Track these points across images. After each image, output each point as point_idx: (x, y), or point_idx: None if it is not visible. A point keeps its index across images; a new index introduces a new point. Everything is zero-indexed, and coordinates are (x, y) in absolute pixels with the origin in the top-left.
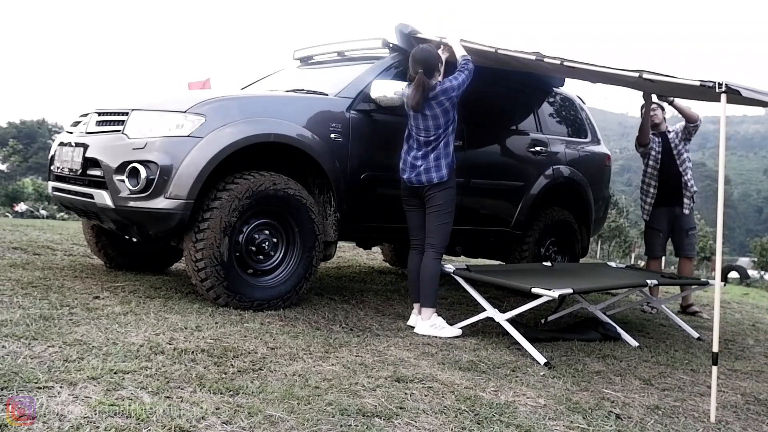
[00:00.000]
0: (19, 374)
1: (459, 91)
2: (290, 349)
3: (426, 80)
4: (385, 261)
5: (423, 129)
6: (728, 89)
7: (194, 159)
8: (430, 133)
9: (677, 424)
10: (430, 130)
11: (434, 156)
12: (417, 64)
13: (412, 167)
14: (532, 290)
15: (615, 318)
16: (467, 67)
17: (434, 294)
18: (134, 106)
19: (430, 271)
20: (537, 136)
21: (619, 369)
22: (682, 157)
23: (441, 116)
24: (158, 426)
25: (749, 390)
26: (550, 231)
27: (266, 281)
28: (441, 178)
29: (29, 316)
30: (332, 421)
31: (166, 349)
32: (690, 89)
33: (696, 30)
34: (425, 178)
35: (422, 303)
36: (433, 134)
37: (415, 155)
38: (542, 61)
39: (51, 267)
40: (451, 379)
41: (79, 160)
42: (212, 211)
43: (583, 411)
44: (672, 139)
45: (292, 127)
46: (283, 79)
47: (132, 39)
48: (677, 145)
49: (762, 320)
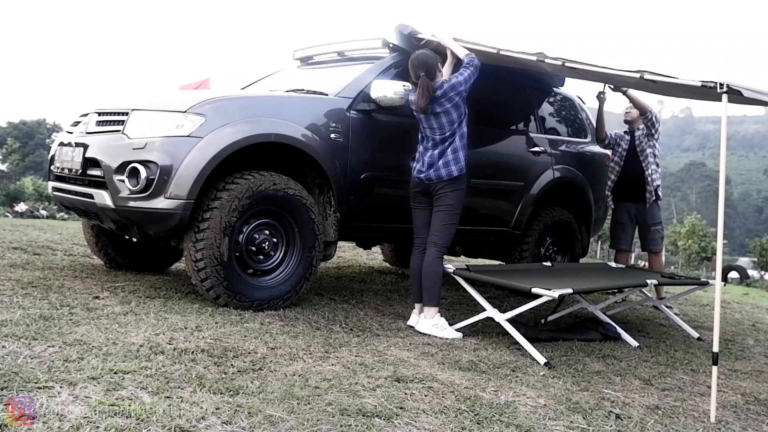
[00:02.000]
0: (19, 374)
1: (466, 85)
2: (290, 349)
3: (429, 82)
4: (385, 261)
5: (437, 128)
6: (729, 89)
7: (194, 159)
8: (445, 130)
9: (677, 424)
10: (444, 127)
11: (452, 149)
12: (417, 68)
13: (429, 165)
14: (532, 290)
15: (615, 318)
16: (473, 63)
17: (437, 293)
18: (134, 106)
19: (434, 269)
20: (537, 136)
21: (619, 369)
22: (645, 153)
23: (453, 111)
24: (158, 426)
25: (749, 390)
26: (550, 231)
27: (266, 281)
28: (461, 170)
29: (29, 316)
30: (332, 421)
31: (166, 349)
32: (691, 89)
33: (693, 29)
34: (445, 173)
35: (425, 302)
36: (448, 130)
37: (432, 154)
38: (543, 62)
39: (51, 267)
40: (451, 379)
41: (79, 160)
42: (212, 211)
43: (583, 411)
44: (638, 137)
45: (292, 127)
46: (283, 79)
47: (132, 39)
48: (641, 143)
49: (762, 320)
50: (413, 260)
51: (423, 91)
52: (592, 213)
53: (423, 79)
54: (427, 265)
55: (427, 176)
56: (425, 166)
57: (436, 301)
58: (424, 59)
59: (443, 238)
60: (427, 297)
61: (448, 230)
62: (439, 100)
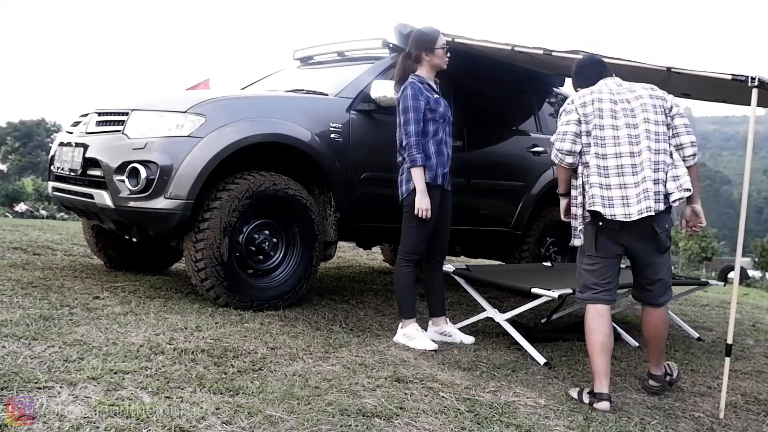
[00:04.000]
0: (19, 374)
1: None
2: (290, 349)
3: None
4: (385, 261)
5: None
6: (761, 84)
7: (194, 159)
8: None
9: (677, 424)
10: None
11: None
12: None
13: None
14: (532, 290)
15: (615, 318)
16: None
17: (407, 303)
18: (134, 106)
19: (397, 279)
20: (537, 136)
21: (619, 369)
22: None
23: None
24: (158, 426)
25: (749, 390)
26: (550, 231)
27: (266, 281)
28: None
29: (29, 316)
30: (332, 421)
31: (166, 349)
32: (719, 86)
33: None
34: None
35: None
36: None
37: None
38: (569, 58)
39: (51, 267)
40: (451, 379)
41: (79, 161)
42: (212, 211)
43: (583, 411)
44: None
45: (292, 127)
46: (283, 79)
47: (132, 39)
48: None
49: (762, 320)
50: (424, 274)
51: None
52: None
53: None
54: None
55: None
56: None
57: (406, 313)
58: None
59: (406, 243)
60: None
61: (409, 234)
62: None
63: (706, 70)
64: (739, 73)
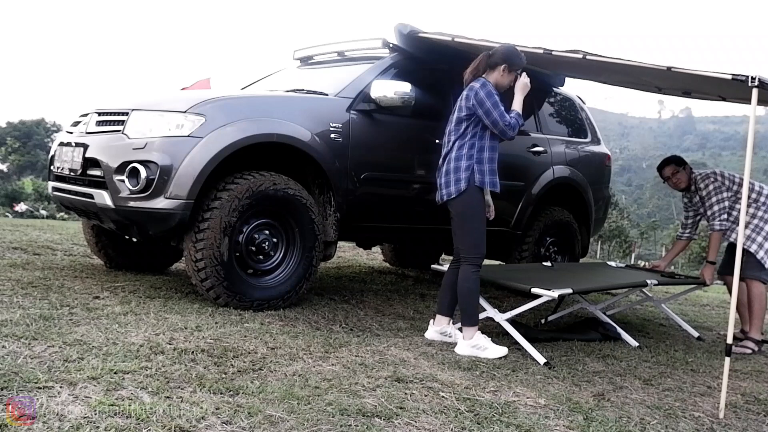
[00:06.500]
0: (19, 374)
1: (479, 111)
2: (290, 349)
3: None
4: (385, 261)
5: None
6: (761, 84)
7: (194, 159)
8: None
9: (677, 424)
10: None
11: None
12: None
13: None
14: (532, 290)
15: (615, 318)
16: (512, 121)
17: (473, 311)
18: (134, 106)
19: (465, 285)
20: (537, 136)
21: (619, 369)
22: None
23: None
24: (158, 426)
25: (749, 390)
26: (550, 231)
27: (266, 281)
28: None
29: (29, 316)
30: (332, 421)
31: (166, 349)
32: (719, 86)
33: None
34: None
35: (461, 321)
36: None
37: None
38: (584, 57)
39: (51, 267)
40: (451, 379)
41: (79, 160)
42: (212, 211)
43: (583, 411)
44: None
45: (292, 127)
46: (283, 79)
47: (132, 39)
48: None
49: None
50: (447, 270)
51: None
52: (592, 213)
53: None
54: (460, 280)
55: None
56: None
57: (471, 320)
58: (502, 51)
59: (470, 247)
60: (462, 317)
61: (468, 237)
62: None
63: (705, 70)
64: (739, 73)
